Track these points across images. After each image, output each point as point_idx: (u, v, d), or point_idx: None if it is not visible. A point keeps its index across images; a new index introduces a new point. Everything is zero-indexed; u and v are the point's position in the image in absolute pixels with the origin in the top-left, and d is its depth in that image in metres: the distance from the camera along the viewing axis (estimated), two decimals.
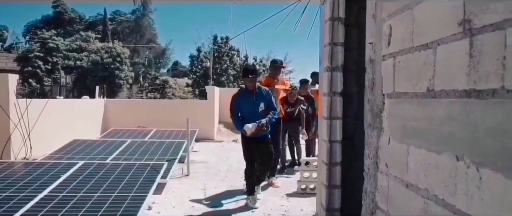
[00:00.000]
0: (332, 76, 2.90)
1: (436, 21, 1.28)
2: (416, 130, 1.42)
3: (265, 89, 4.10)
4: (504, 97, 0.94)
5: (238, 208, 3.75)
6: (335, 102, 2.93)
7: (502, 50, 0.95)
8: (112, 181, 3.49)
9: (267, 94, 4.06)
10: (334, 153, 2.97)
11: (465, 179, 1.09)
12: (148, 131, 8.04)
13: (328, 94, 2.96)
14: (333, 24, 2.88)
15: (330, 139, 2.89)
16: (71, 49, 22.11)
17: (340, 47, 2.85)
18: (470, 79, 1.08)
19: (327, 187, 2.95)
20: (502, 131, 0.94)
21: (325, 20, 3.01)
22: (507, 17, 0.93)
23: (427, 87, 1.33)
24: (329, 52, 2.89)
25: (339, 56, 2.89)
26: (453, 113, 1.16)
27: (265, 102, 4.01)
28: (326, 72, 3.03)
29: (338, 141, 2.89)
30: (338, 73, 2.89)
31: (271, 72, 4.37)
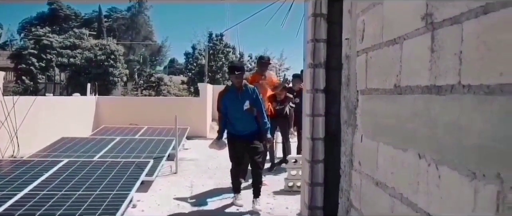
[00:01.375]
0: (314, 73, 2.87)
1: (403, 15, 1.25)
2: (385, 127, 1.40)
3: (251, 87, 4.02)
4: (460, 93, 0.91)
5: (223, 206, 3.73)
6: (317, 99, 2.89)
7: (460, 44, 0.92)
8: (95, 179, 3.45)
9: (253, 92, 3.96)
10: (317, 151, 2.93)
11: (426, 178, 1.07)
12: (139, 128, 8.00)
13: (310, 91, 2.93)
14: (315, 20, 2.84)
15: (312, 137, 2.86)
16: (64, 46, 21.97)
17: (322, 44, 2.81)
18: (432, 74, 1.05)
19: (309, 185, 2.91)
20: (458, 128, 0.92)
21: (308, 16, 2.98)
22: (464, 10, 0.90)
23: (394, 83, 1.30)
24: (311, 49, 2.85)
25: (321, 52, 2.85)
26: (417, 110, 1.14)
27: (250, 100, 3.91)
28: (308, 69, 3.00)
29: (321, 138, 2.86)
30: (321, 70, 2.86)
31: (258, 68, 4.31)
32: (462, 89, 0.90)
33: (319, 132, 2.99)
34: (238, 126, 3.87)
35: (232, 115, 3.88)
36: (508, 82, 0.75)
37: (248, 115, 3.87)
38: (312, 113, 2.93)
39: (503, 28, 0.76)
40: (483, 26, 0.83)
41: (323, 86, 2.92)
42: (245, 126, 3.88)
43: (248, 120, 3.89)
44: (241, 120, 3.85)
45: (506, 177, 0.75)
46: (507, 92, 0.75)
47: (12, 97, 5.68)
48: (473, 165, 0.86)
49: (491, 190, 0.80)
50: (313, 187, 3.02)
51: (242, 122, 3.87)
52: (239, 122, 3.86)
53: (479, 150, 0.83)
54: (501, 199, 0.77)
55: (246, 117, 3.86)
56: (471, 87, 0.87)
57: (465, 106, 0.89)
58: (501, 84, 0.77)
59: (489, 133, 0.80)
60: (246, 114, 3.87)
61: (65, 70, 21.80)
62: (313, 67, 2.92)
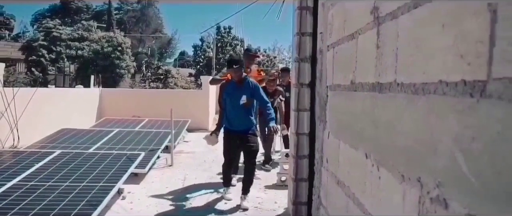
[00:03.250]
0: (299, 66, 2.82)
1: (358, 9, 1.21)
2: (344, 125, 1.36)
3: (252, 81, 3.92)
4: (395, 92, 0.87)
5: (213, 200, 3.72)
6: (303, 93, 2.85)
7: (396, 40, 0.88)
8: (85, 170, 3.47)
9: (254, 86, 3.86)
10: (302, 146, 2.91)
11: (371, 178, 1.03)
12: (140, 120, 8.02)
13: (296, 85, 2.89)
14: (301, 13, 2.79)
15: (297, 132, 2.83)
16: (72, 38, 22.12)
17: (308, 37, 2.77)
18: (377, 71, 1.01)
19: (294, 180, 2.89)
20: (393, 128, 0.88)
21: (295, 9, 2.92)
22: (400, 4, 0.86)
23: (351, 80, 1.26)
24: (297, 42, 2.81)
25: (307, 46, 2.80)
26: (365, 108, 1.10)
27: (248, 94, 3.79)
28: (294, 63, 2.95)
29: (306, 133, 2.83)
30: (306, 64, 2.81)
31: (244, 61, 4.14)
32: (397, 87, 0.86)
33: (304, 127, 2.97)
34: (234, 121, 3.76)
35: (229, 108, 3.80)
36: (430, 81, 0.71)
37: (244, 110, 3.77)
38: (297, 107, 2.90)
39: (428, 22, 0.72)
40: (413, 20, 0.79)
41: (309, 80, 2.87)
42: (241, 121, 3.78)
43: (245, 116, 3.78)
44: (237, 114, 3.74)
45: (425, 181, 0.71)
46: (428, 92, 0.71)
47: (12, 88, 5.74)
48: (402, 168, 0.82)
49: (414, 194, 0.76)
50: (298, 182, 3.00)
51: (238, 117, 3.77)
52: (235, 116, 3.76)
53: (406, 152, 0.80)
54: (422, 204, 0.73)
55: (242, 112, 3.74)
56: (404, 86, 0.83)
57: (398, 106, 0.85)
58: (424, 83, 0.73)
59: (414, 134, 0.76)
60: (242, 109, 3.77)
61: (74, 62, 21.99)
62: (299, 61, 2.88)
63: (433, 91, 0.69)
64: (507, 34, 0.50)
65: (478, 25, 0.56)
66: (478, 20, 0.56)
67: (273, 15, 28.65)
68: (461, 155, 0.59)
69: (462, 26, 0.60)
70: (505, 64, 0.50)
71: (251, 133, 3.82)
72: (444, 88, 0.65)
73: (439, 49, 0.67)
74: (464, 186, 0.58)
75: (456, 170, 0.61)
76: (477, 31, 0.56)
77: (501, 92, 0.51)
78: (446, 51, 0.65)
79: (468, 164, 0.58)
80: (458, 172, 0.60)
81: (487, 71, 0.54)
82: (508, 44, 0.50)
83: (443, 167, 0.65)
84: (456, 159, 0.60)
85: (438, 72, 0.67)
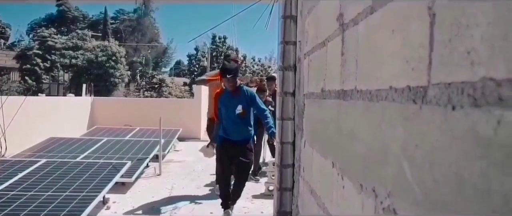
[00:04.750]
0: (284, 75, 2.81)
1: (328, 16, 1.20)
2: (317, 133, 1.35)
3: (247, 89, 3.85)
4: (355, 99, 0.86)
5: (198, 210, 3.68)
6: (287, 102, 2.83)
7: (357, 47, 0.87)
8: (69, 180, 3.43)
9: (250, 94, 3.77)
10: (286, 155, 2.86)
11: (336, 187, 1.01)
12: (131, 129, 7.99)
13: (280, 94, 2.87)
14: (285, 22, 2.79)
15: (281, 140, 2.80)
16: (67, 47, 22.11)
17: (292, 46, 2.76)
18: (341, 79, 1.00)
19: (278, 189, 2.85)
20: (353, 136, 0.86)
21: (280, 18, 2.92)
22: (360, 10, 0.85)
23: (322, 87, 1.25)
24: (281, 51, 2.79)
25: (291, 55, 2.79)
26: (332, 116, 1.08)
27: (244, 103, 3.66)
28: (279, 72, 2.93)
29: (290, 142, 2.80)
30: (290, 73, 2.80)
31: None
32: (357, 94, 0.85)
33: (288, 135, 2.94)
34: (230, 131, 3.66)
35: (225, 119, 3.67)
36: (382, 88, 0.69)
37: (241, 121, 3.65)
38: (282, 116, 2.88)
39: (381, 28, 0.71)
40: (369, 26, 0.78)
41: (292, 89, 2.86)
42: (237, 132, 3.66)
43: (241, 126, 3.67)
44: (234, 125, 3.63)
45: (379, 191, 0.69)
46: (381, 99, 0.69)
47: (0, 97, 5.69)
48: (360, 177, 0.80)
49: (370, 204, 0.74)
50: (282, 191, 2.96)
51: (234, 128, 3.65)
52: (231, 127, 3.65)
53: (364, 160, 0.78)
54: (377, 214, 0.71)
55: (238, 122, 3.63)
56: (362, 93, 0.82)
57: (358, 113, 0.83)
58: (377, 90, 0.71)
59: (370, 142, 0.75)
60: (239, 119, 3.65)
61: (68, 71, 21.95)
62: (283, 70, 2.87)
63: (385, 97, 0.67)
64: (444, 37, 0.49)
65: (420, 29, 0.55)
66: (419, 24, 0.55)
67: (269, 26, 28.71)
68: (406, 164, 0.57)
69: (408, 31, 0.59)
70: (442, 69, 0.49)
71: (248, 148, 3.70)
72: (393, 95, 0.63)
73: (389, 55, 0.66)
74: (410, 195, 0.57)
75: (403, 179, 0.59)
76: (419, 35, 0.55)
77: (439, 97, 0.49)
78: (395, 57, 0.63)
79: (412, 172, 0.56)
80: (405, 181, 0.58)
81: (427, 76, 0.52)
82: (444, 48, 0.49)
83: (392, 176, 0.63)
84: (403, 168, 0.59)
85: (388, 78, 0.66)
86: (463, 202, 0.42)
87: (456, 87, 0.45)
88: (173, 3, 51.20)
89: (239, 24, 50.52)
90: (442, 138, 0.48)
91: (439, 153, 0.49)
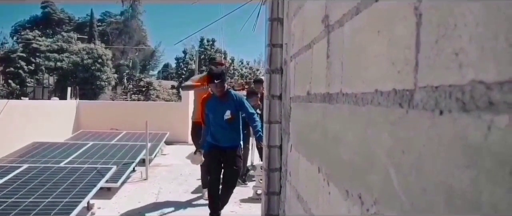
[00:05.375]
0: (271, 78, 2.79)
1: (313, 18, 1.18)
2: (303, 137, 1.32)
3: (236, 93, 3.75)
4: (341, 103, 0.83)
5: (185, 214, 3.62)
6: (274, 105, 2.81)
7: (342, 49, 0.85)
8: (52, 185, 3.34)
9: (239, 99, 3.68)
10: (273, 159, 2.84)
11: (323, 193, 0.99)
12: (117, 133, 7.87)
13: (267, 97, 2.84)
14: (272, 24, 2.77)
15: (269, 144, 2.78)
16: (52, 49, 21.75)
17: (279, 49, 2.74)
18: (327, 82, 0.98)
19: (266, 193, 2.82)
20: (339, 141, 0.84)
21: (267, 20, 2.91)
22: (345, 11, 0.83)
23: (307, 91, 1.23)
24: (268, 54, 2.78)
25: (278, 58, 2.78)
26: (318, 119, 1.06)
27: (233, 108, 3.52)
28: (266, 74, 2.91)
29: (277, 146, 2.78)
30: (277, 76, 2.78)
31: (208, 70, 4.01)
32: (342, 97, 0.83)
33: (276, 139, 2.92)
34: (218, 137, 3.56)
35: (213, 124, 3.55)
36: (368, 91, 0.67)
37: (230, 126, 3.55)
38: (269, 119, 2.86)
39: (366, 29, 0.69)
40: (355, 28, 0.76)
41: (280, 92, 2.84)
42: (226, 138, 3.56)
43: (229, 132, 3.57)
44: (222, 131, 3.53)
45: (365, 198, 0.67)
46: (367, 102, 0.67)
47: None
48: (346, 183, 0.78)
49: (356, 211, 0.72)
50: (270, 196, 2.94)
51: (223, 133, 3.55)
52: (220, 133, 3.55)
53: (350, 166, 0.76)
54: None
55: (227, 128, 3.53)
56: (348, 96, 0.79)
57: (343, 117, 0.81)
58: (363, 93, 0.69)
59: (355, 148, 0.72)
60: (227, 125, 3.55)
61: (53, 74, 21.59)
62: (270, 73, 2.86)
63: (370, 101, 0.65)
64: (431, 38, 0.47)
65: (406, 30, 0.53)
66: (405, 25, 0.53)
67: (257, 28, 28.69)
68: (393, 170, 0.55)
69: (394, 32, 0.57)
70: (429, 71, 0.47)
71: (237, 154, 3.62)
72: (379, 98, 0.61)
73: (375, 57, 0.63)
74: (397, 203, 0.54)
75: (389, 186, 0.56)
76: (405, 37, 0.53)
77: (426, 101, 0.47)
78: (380, 59, 0.61)
79: (399, 179, 0.54)
80: (391, 188, 0.56)
81: (414, 79, 0.50)
82: (431, 49, 0.47)
83: (379, 183, 0.61)
84: (389, 175, 0.56)
85: (374, 81, 0.64)
86: (451, 212, 0.40)
87: (444, 90, 0.43)
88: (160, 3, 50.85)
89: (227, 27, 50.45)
90: (429, 144, 0.46)
91: (427, 160, 0.46)
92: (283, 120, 1.93)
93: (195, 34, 29.40)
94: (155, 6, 50.85)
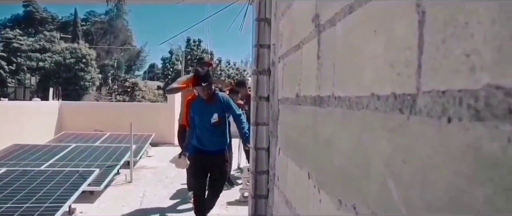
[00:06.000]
0: (258, 79, 2.75)
1: (303, 17, 1.14)
2: (291, 141, 1.28)
3: (223, 95, 3.63)
4: (333, 106, 0.79)
5: None
6: (261, 107, 2.76)
7: (334, 50, 0.81)
8: (31, 190, 3.22)
9: (227, 101, 3.51)
10: (261, 161, 2.80)
11: (313, 201, 0.95)
12: (101, 135, 7.71)
13: (254, 98, 2.79)
14: (259, 24, 2.73)
15: (256, 146, 2.73)
16: (34, 49, 21.26)
17: (266, 50, 2.70)
18: (317, 84, 0.94)
19: (253, 197, 2.78)
20: (331, 146, 0.80)
21: (254, 20, 2.86)
22: (337, 10, 0.78)
23: (296, 93, 1.18)
24: (256, 54, 2.73)
25: (265, 59, 2.73)
26: (307, 123, 1.02)
27: (220, 111, 3.41)
28: (253, 76, 2.87)
29: (265, 148, 2.73)
30: (264, 77, 2.74)
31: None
32: (334, 101, 0.79)
33: (263, 141, 2.88)
34: (204, 141, 3.43)
35: (199, 128, 3.41)
36: (363, 95, 0.63)
37: (216, 130, 3.43)
38: (256, 121, 2.81)
39: (361, 28, 0.65)
40: (348, 27, 0.72)
41: (267, 93, 2.80)
42: (213, 142, 3.44)
43: (216, 135, 3.45)
44: (208, 134, 3.40)
45: (360, 209, 0.63)
46: (362, 107, 0.63)
47: None
48: (339, 192, 0.74)
49: None
50: (257, 199, 2.89)
51: (209, 137, 3.43)
52: (206, 136, 3.42)
53: (343, 174, 0.71)
54: None
55: (213, 132, 3.41)
56: (340, 100, 0.75)
57: (335, 122, 0.77)
58: (358, 97, 0.65)
59: (349, 155, 0.68)
60: (214, 128, 3.42)
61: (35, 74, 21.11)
62: (257, 74, 2.81)
63: (366, 105, 0.61)
64: (436, 38, 0.43)
65: (406, 29, 0.48)
66: (406, 24, 0.49)
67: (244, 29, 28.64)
68: (392, 182, 0.51)
69: (392, 31, 0.53)
70: (434, 74, 0.42)
71: (224, 159, 3.53)
72: (376, 103, 0.57)
73: (371, 58, 0.59)
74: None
75: (388, 198, 0.52)
76: (406, 36, 0.49)
77: (431, 107, 0.43)
78: (377, 60, 0.57)
79: (399, 191, 0.50)
80: (390, 200, 0.52)
81: (416, 83, 0.46)
82: (436, 50, 0.43)
83: (376, 194, 0.57)
84: (388, 186, 0.52)
85: (370, 84, 0.59)
86: None
87: (452, 95, 0.39)
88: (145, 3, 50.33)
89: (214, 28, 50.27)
90: (434, 155, 0.42)
91: (432, 172, 0.42)
92: (270, 122, 1.89)
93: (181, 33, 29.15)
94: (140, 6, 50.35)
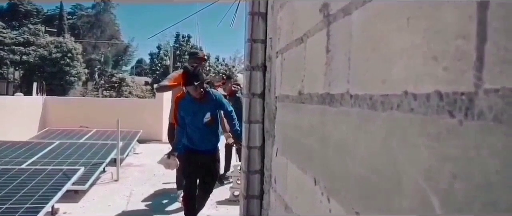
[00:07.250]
0: (251, 75, 2.66)
1: (307, 8, 1.05)
2: (292, 142, 1.19)
3: (215, 93, 3.48)
4: (348, 106, 0.70)
5: None
6: (254, 104, 2.67)
7: (349, 42, 0.72)
8: (11, 189, 3.08)
9: (219, 98, 3.35)
10: (253, 160, 2.71)
11: (320, 209, 0.86)
12: (87, 131, 7.52)
13: (247, 95, 2.70)
14: (253, 18, 2.64)
15: (248, 145, 2.65)
16: (17, 42, 20.71)
17: (260, 44, 2.61)
18: (326, 80, 0.85)
19: (245, 197, 2.69)
20: (345, 151, 0.71)
21: (247, 14, 2.77)
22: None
23: (299, 90, 1.09)
24: (249, 49, 2.64)
25: (259, 54, 2.64)
26: (313, 123, 0.93)
27: (213, 110, 3.31)
28: (246, 72, 2.77)
29: (257, 147, 2.65)
30: (258, 73, 2.65)
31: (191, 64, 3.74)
32: (350, 100, 0.70)
33: (256, 140, 2.79)
34: (196, 141, 3.32)
35: (190, 127, 3.28)
36: (391, 93, 0.54)
37: (208, 129, 3.31)
38: (249, 119, 2.72)
39: (388, 16, 0.56)
40: (370, 16, 0.63)
41: (261, 90, 2.70)
42: (205, 141, 3.33)
43: (208, 135, 3.34)
44: (200, 134, 3.29)
45: None
46: (389, 107, 0.54)
47: None
48: (356, 203, 0.65)
49: None
50: (249, 199, 2.80)
51: (201, 137, 3.31)
52: (198, 136, 3.30)
53: (361, 182, 0.63)
54: None
55: (205, 131, 3.29)
56: (358, 98, 0.66)
57: (352, 123, 0.68)
58: (383, 95, 0.56)
59: (370, 162, 0.59)
60: (206, 128, 3.30)
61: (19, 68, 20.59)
62: (250, 69, 2.72)
63: (396, 106, 0.52)
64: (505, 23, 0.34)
65: (459, 13, 0.39)
66: (459, 7, 0.40)
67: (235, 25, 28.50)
68: (436, 199, 0.42)
69: (435, 18, 0.44)
70: (503, 68, 0.34)
71: (216, 159, 3.43)
72: (411, 103, 0.48)
73: (404, 50, 0.50)
74: None
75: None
76: (458, 22, 0.40)
77: (499, 110, 0.34)
78: (413, 52, 0.48)
79: (446, 211, 0.41)
80: None
81: (475, 79, 0.37)
82: (506, 39, 0.34)
83: (409, 209, 0.48)
84: (430, 203, 0.43)
85: (402, 80, 0.51)
86: None
87: None
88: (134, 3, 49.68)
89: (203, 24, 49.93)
90: (506, 172, 0.33)
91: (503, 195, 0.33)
92: (266, 121, 1.80)
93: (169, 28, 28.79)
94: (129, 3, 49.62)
